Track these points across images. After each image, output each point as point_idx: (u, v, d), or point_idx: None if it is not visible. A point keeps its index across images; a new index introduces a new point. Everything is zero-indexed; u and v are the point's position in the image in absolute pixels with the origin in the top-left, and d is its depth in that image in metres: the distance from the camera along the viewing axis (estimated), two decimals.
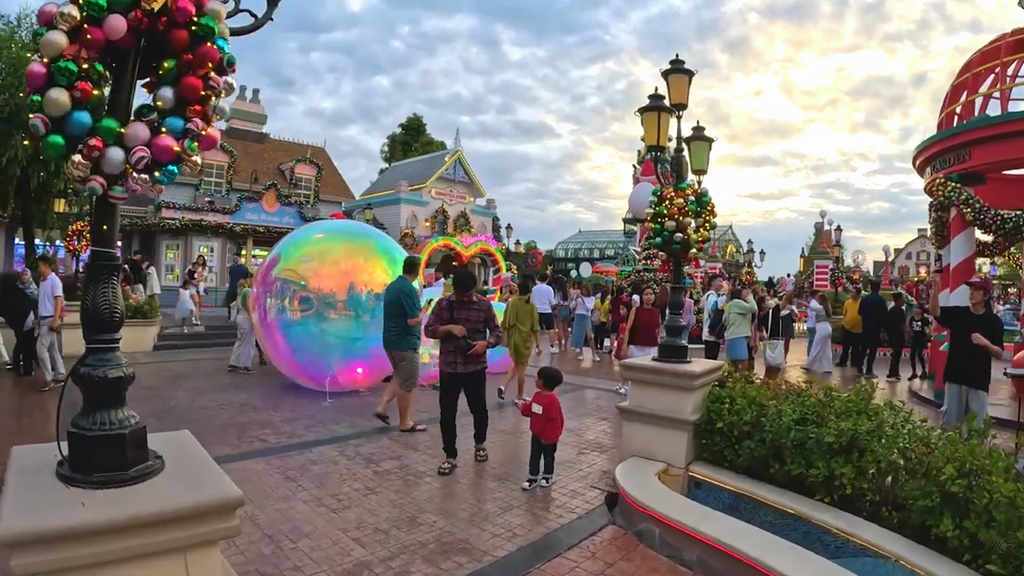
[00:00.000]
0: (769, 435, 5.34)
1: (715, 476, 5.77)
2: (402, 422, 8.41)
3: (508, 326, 10.26)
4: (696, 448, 6.10)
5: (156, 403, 9.71)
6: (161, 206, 27.15)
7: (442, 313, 6.79)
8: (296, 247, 10.40)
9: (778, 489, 5.27)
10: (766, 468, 5.43)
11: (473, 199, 39.58)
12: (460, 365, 6.72)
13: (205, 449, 3.25)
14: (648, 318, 10.73)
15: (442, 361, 6.90)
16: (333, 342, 9.74)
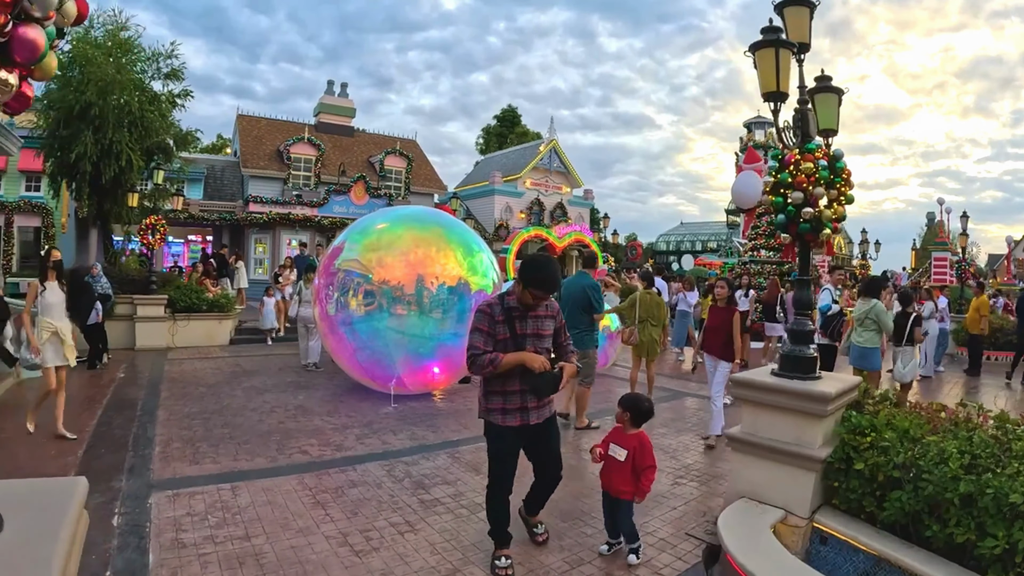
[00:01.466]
0: (929, 485, 4.02)
1: (848, 531, 4.46)
2: (579, 419, 8.35)
3: (638, 321, 9.50)
4: (824, 492, 4.84)
5: (209, 402, 9.18)
6: (249, 200, 27.38)
7: (495, 328, 4.21)
8: (362, 235, 9.59)
9: (936, 558, 3.95)
10: (920, 527, 4.12)
11: (570, 189, 38.39)
12: (534, 412, 4.33)
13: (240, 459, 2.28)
14: (716, 320, 8.14)
15: (497, 410, 4.30)
16: (399, 341, 8.88)
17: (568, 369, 4.33)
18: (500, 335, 4.19)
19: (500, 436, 4.34)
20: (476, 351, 4.14)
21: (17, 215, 26.60)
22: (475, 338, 4.20)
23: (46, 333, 7.27)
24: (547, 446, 4.51)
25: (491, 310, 4.26)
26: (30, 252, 27.07)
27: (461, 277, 9.16)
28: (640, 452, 4.52)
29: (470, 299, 9.14)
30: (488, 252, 9.98)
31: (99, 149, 14.81)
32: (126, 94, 15.14)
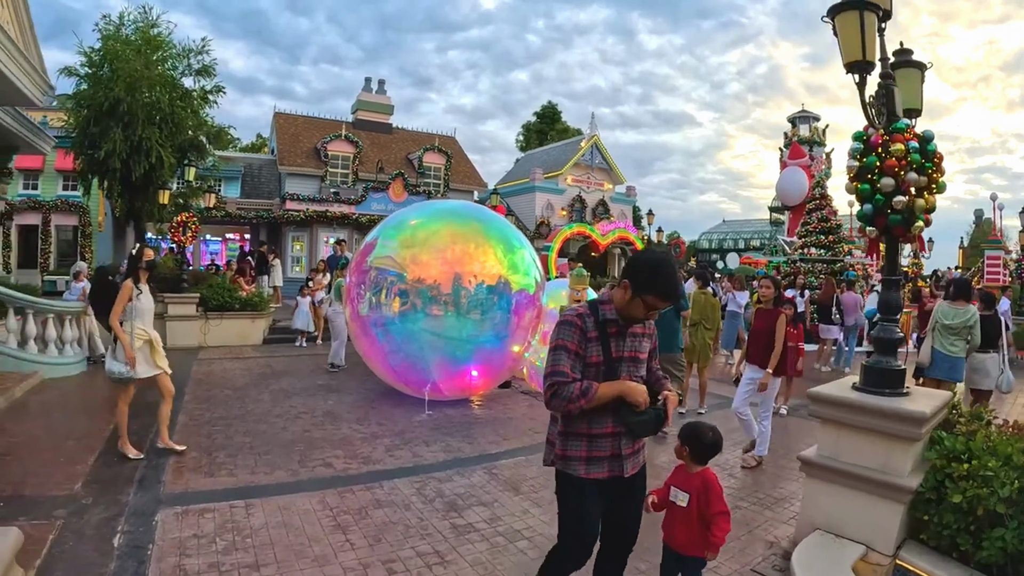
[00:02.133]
0: None
1: (938, 572, 3.78)
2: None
3: (691, 324, 8.99)
4: (910, 525, 4.17)
5: (233, 406, 8.75)
6: (286, 198, 27.20)
7: (587, 347, 3.05)
8: (396, 230, 9.07)
9: None
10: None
11: (612, 186, 37.59)
12: (629, 461, 3.16)
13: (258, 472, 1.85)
14: (761, 323, 7.15)
15: (579, 458, 3.11)
16: (435, 343, 8.33)
17: (671, 401, 3.11)
18: (592, 357, 3.02)
19: (581, 492, 3.09)
20: (561, 378, 2.92)
21: (55, 214, 26.79)
22: (560, 360, 2.98)
23: (139, 341, 6.59)
24: (633, 505, 3.29)
25: (583, 323, 3.04)
26: (68, 251, 27.26)
27: (501, 275, 8.58)
28: (706, 495, 3.40)
29: (511, 299, 8.57)
30: (530, 249, 9.39)
31: (128, 146, 14.58)
32: (156, 90, 14.87)
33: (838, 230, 23.61)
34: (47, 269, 26.35)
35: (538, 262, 9.41)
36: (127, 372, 6.47)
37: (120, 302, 6.49)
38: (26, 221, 26.92)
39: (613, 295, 3.11)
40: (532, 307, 8.88)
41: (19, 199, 26.73)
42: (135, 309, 6.57)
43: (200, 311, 15.19)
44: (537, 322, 9.16)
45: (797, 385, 10.15)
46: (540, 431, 7.74)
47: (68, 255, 27.05)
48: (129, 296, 6.52)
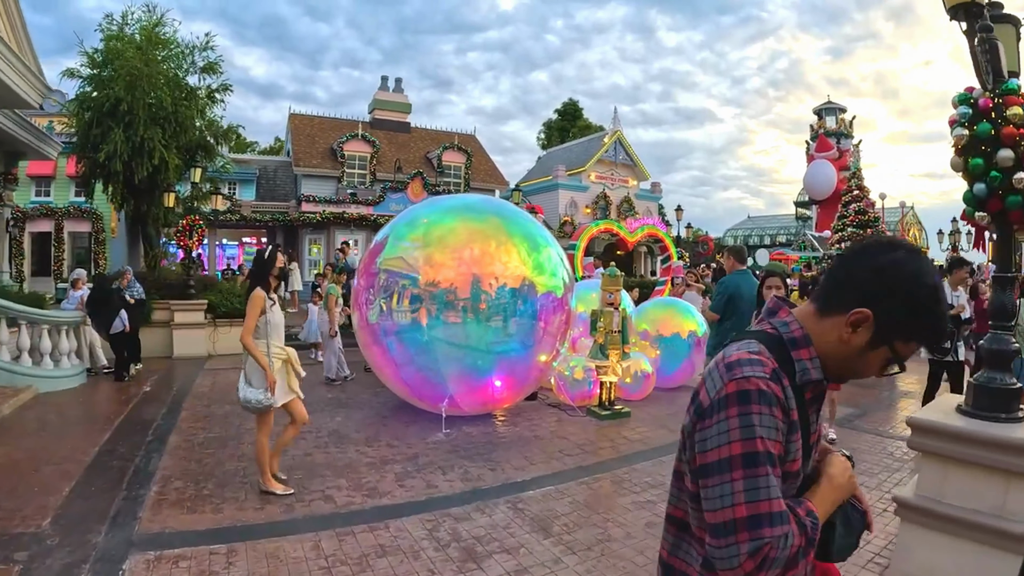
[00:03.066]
0: None
1: None
2: None
3: None
4: None
5: (231, 425, 8.11)
6: (301, 199, 26.61)
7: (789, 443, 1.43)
8: (408, 228, 8.29)
9: None
10: None
11: (636, 182, 36.66)
12: None
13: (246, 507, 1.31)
14: None
15: None
16: (451, 354, 7.54)
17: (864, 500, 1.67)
18: (794, 462, 1.47)
19: None
20: (776, 530, 1.32)
21: (67, 221, 26.42)
22: (759, 487, 1.34)
23: (277, 362, 5.60)
24: None
25: (782, 395, 1.43)
26: (83, 258, 26.87)
27: (525, 277, 7.77)
28: None
29: (536, 303, 7.77)
30: (556, 246, 8.57)
31: (130, 147, 14.01)
32: (157, 88, 14.24)
33: (876, 223, 22.64)
34: (61, 277, 25.96)
35: (566, 261, 8.60)
36: (266, 399, 5.47)
37: (252, 316, 5.50)
38: (39, 228, 26.59)
39: (812, 328, 1.57)
40: (560, 311, 8.06)
41: (31, 206, 26.40)
42: (269, 323, 5.59)
43: (208, 318, 14.58)
44: (566, 328, 8.35)
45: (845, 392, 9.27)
46: (571, 453, 6.95)
47: (83, 262, 26.69)
48: (262, 308, 5.53)
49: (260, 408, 5.51)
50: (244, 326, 5.53)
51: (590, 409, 8.86)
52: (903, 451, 7.07)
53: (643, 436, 7.82)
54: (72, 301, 12.31)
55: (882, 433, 8.12)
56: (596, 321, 8.77)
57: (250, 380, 5.53)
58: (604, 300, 8.78)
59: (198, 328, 14.31)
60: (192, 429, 7.95)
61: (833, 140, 33.46)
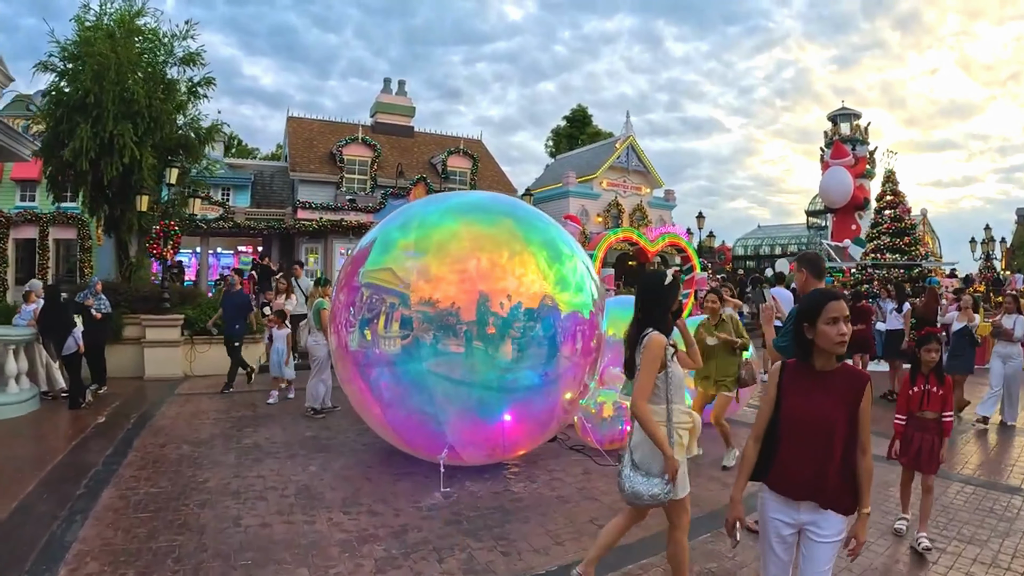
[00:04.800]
0: None
1: None
2: None
3: None
4: None
5: (184, 474, 6.59)
6: (298, 206, 25.07)
7: None
8: (400, 232, 6.66)
9: None
10: None
11: (649, 190, 35.02)
12: None
13: None
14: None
15: None
16: (452, 392, 5.90)
17: None
18: None
19: None
20: None
21: (53, 227, 24.88)
22: None
23: (683, 435, 3.89)
24: None
25: None
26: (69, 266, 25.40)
27: (546, 294, 6.13)
28: None
29: (559, 326, 6.13)
30: (582, 255, 6.95)
31: (98, 144, 12.41)
32: (128, 78, 12.67)
33: (913, 230, 21.03)
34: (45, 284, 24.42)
35: (594, 274, 6.97)
36: (665, 492, 3.70)
37: (650, 371, 3.74)
38: (23, 235, 25.07)
39: None
40: (588, 336, 6.43)
41: (16, 211, 24.93)
42: (671, 380, 3.85)
43: (186, 335, 13.03)
44: (595, 357, 6.72)
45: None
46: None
47: (72, 271, 25.21)
48: (663, 360, 3.79)
49: (655, 501, 3.76)
50: (637, 386, 3.79)
51: (621, 455, 7.25)
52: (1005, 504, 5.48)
53: (693, 495, 6.11)
54: (24, 316, 10.76)
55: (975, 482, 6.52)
56: None
57: (641, 464, 3.83)
58: None
59: (172, 346, 12.77)
60: (134, 480, 6.36)
61: (849, 146, 31.94)
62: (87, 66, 12.62)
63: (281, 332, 10.61)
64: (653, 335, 3.74)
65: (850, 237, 27.12)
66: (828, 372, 2.88)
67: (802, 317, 2.91)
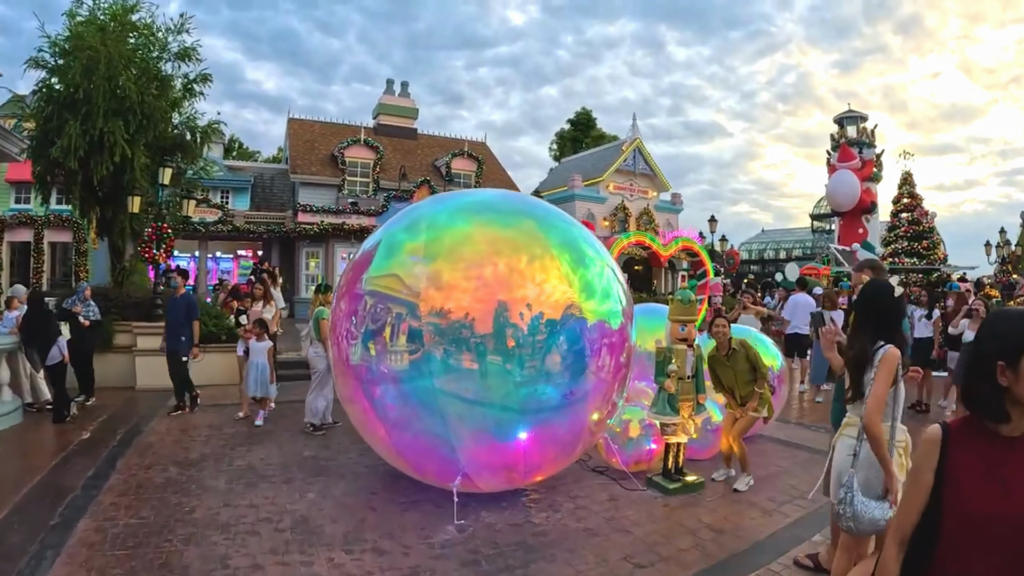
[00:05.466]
0: None
1: None
2: None
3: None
4: None
5: (168, 502, 5.95)
6: (298, 209, 24.48)
7: None
8: (407, 234, 6.04)
9: None
10: None
11: (656, 193, 34.49)
12: None
13: None
14: None
15: None
16: (466, 413, 5.27)
17: None
18: None
19: None
20: None
21: (48, 230, 24.34)
22: None
23: (901, 452, 3.62)
24: None
25: None
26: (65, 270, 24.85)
27: (570, 302, 5.48)
28: None
29: (585, 339, 5.51)
30: (608, 258, 6.32)
31: (87, 141, 11.80)
32: (120, 73, 12.06)
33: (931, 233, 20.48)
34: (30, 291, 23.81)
35: (622, 279, 6.34)
36: (884, 515, 3.31)
37: (885, 382, 3.43)
38: (18, 238, 24.54)
39: None
40: (618, 349, 5.81)
41: (10, 214, 24.38)
42: (897, 398, 3.58)
43: None
44: (626, 372, 6.10)
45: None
46: (642, 561, 4.72)
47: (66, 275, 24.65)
48: (896, 374, 3.50)
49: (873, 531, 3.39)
50: (873, 402, 3.39)
51: (651, 479, 6.63)
52: None
53: (732, 523, 5.59)
54: (7, 323, 10.13)
55: None
56: (663, 363, 6.54)
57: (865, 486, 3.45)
58: (675, 334, 6.55)
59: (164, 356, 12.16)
60: (114, 508, 5.74)
61: (856, 149, 31.43)
62: (77, 61, 12.03)
63: (262, 345, 9.32)
64: (890, 349, 3.49)
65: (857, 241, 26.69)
66: None
67: (996, 353, 1.87)
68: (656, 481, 6.55)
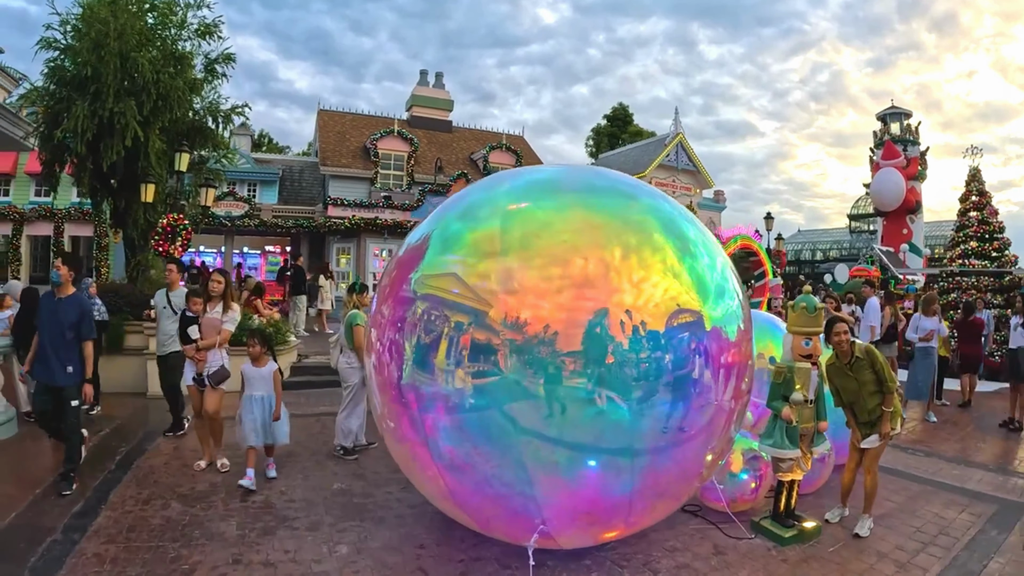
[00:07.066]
0: None
1: None
2: None
3: None
4: None
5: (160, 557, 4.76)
6: (329, 203, 23.44)
7: None
8: (466, 222, 4.77)
9: None
10: None
11: (699, 191, 33.04)
12: None
13: None
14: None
15: None
16: (545, 452, 4.00)
17: None
18: None
19: None
20: None
21: (68, 223, 23.61)
22: None
23: None
24: None
25: None
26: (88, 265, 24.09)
27: (679, 305, 4.21)
28: None
29: (700, 355, 4.21)
30: (719, 250, 5.00)
31: (96, 123, 10.74)
32: (134, 49, 10.98)
33: (1002, 233, 18.95)
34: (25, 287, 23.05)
35: (736, 276, 5.04)
36: None
37: None
38: (37, 232, 23.83)
39: None
40: (740, 369, 4.51)
41: (30, 207, 23.65)
42: None
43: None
44: (747, 400, 4.80)
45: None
46: None
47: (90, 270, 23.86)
48: None
49: None
50: None
51: (758, 524, 5.42)
52: None
53: None
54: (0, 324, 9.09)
55: None
56: (781, 385, 5.29)
57: None
58: (797, 349, 5.29)
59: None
60: (96, 561, 4.59)
61: (900, 147, 29.88)
62: (86, 37, 11.00)
63: (264, 371, 6.57)
64: None
65: (902, 242, 25.32)
66: None
67: None
68: (765, 527, 5.38)
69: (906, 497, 6.42)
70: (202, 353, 6.84)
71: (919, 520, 5.82)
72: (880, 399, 5.46)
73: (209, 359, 6.85)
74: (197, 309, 7.02)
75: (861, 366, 5.50)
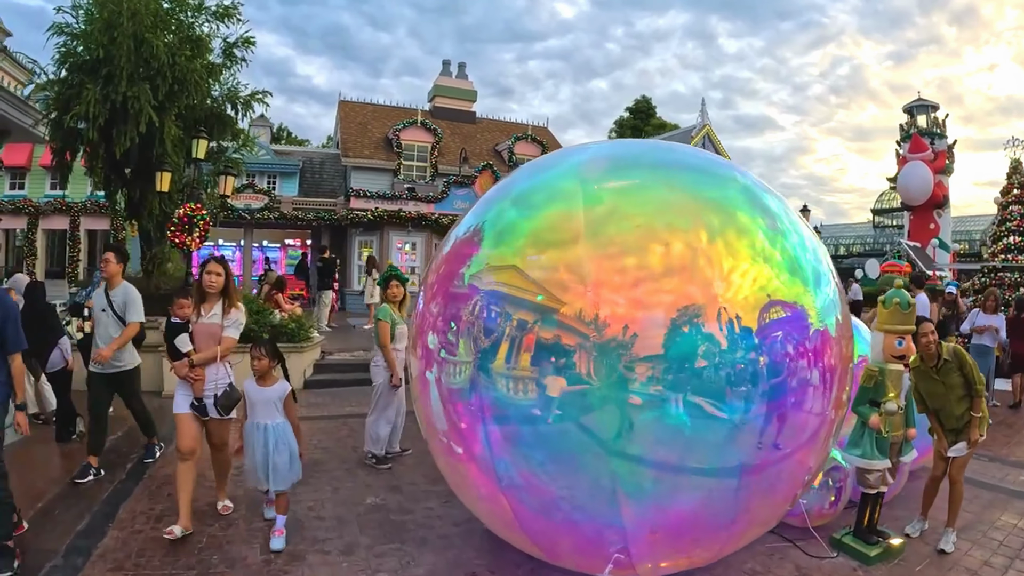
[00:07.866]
0: None
1: None
2: None
3: None
4: None
5: None
6: (351, 195, 22.94)
7: None
8: (523, 209, 4.19)
9: None
10: None
11: None
12: None
13: None
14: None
15: None
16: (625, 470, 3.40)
17: None
18: None
19: None
20: None
21: (84, 217, 23.36)
22: None
23: None
24: None
25: None
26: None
27: (769, 296, 3.58)
28: None
29: (805, 357, 3.60)
30: (806, 226, 4.31)
31: (109, 108, 10.25)
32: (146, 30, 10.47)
33: None
34: (76, 279, 22.80)
35: (831, 265, 4.32)
36: None
37: None
38: (53, 225, 23.60)
39: None
40: (840, 373, 3.88)
41: (45, 200, 23.39)
42: None
43: None
44: (847, 408, 4.21)
45: None
46: None
47: None
48: None
49: None
50: None
51: (839, 541, 4.96)
52: None
53: None
54: None
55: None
56: (871, 390, 4.73)
57: None
58: (890, 350, 4.69)
59: None
60: None
61: (927, 140, 29.15)
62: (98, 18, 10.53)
63: (271, 391, 5.02)
64: None
65: (930, 237, 25.19)
66: None
67: None
68: (847, 544, 4.90)
69: (980, 506, 5.97)
70: (198, 371, 5.15)
71: (1000, 532, 5.41)
72: (968, 404, 4.97)
73: (209, 377, 5.21)
74: (185, 313, 5.44)
75: (949, 369, 4.99)
